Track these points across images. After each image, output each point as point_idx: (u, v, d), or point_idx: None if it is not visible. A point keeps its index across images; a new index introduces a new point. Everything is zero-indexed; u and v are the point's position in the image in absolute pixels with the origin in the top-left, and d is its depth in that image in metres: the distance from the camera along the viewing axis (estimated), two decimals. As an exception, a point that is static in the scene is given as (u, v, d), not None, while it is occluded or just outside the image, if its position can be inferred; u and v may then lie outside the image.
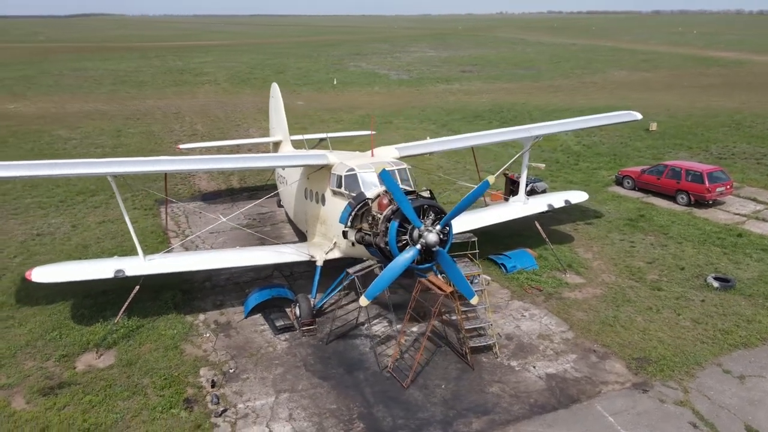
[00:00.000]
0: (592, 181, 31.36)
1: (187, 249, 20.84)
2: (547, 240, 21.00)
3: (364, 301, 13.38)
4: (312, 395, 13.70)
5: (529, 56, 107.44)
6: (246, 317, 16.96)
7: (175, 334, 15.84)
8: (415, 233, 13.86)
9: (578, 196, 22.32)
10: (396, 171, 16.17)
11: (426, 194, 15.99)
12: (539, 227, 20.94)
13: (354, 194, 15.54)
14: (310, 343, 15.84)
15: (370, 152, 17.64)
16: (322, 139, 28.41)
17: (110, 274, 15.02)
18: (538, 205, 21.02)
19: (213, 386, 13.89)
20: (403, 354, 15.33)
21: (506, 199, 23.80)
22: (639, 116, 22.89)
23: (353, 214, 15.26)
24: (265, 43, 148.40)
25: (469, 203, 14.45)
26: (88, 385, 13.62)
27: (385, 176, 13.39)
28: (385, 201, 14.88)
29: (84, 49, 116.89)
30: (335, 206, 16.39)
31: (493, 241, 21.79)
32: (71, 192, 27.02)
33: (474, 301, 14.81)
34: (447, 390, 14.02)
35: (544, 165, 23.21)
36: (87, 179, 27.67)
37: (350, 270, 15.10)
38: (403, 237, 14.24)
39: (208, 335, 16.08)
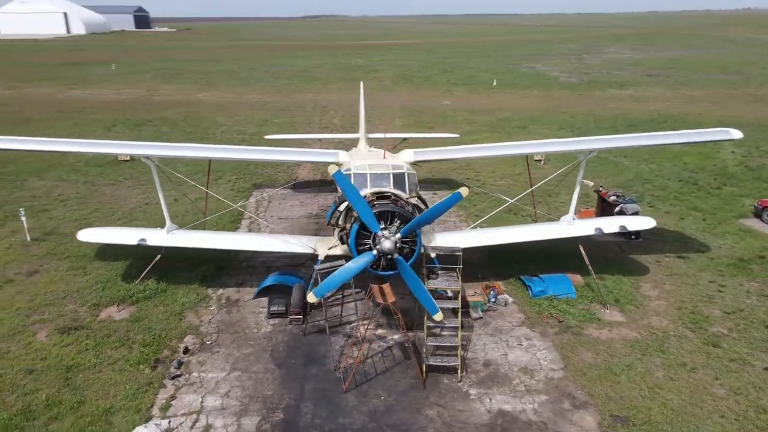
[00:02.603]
0: (722, 210, 26.63)
1: (249, 230, 23.06)
2: (590, 267, 18.70)
3: (311, 297, 13.68)
4: (258, 379, 14.45)
5: (744, 59, 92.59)
6: (253, 298, 18.29)
7: (186, 303, 17.81)
8: (377, 239, 13.74)
9: (641, 223, 19.31)
10: (391, 174, 16.05)
11: (414, 200, 15.61)
12: (583, 252, 18.72)
13: (340, 193, 15.80)
14: (292, 332, 16.55)
15: (382, 154, 17.63)
16: (404, 139, 28.76)
17: (135, 242, 17.54)
18: (585, 227, 18.78)
19: (185, 352, 15.44)
20: (366, 358, 15.24)
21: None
22: (737, 135, 18.84)
23: (335, 212, 15.55)
24: (455, 42, 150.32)
25: (435, 215, 13.86)
26: (95, 331, 16.15)
27: (338, 177, 13.48)
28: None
29: (289, 47, 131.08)
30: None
31: (544, 262, 20.10)
32: (191, 170, 31.29)
33: (437, 317, 14.08)
34: (383, 402, 13.66)
35: (592, 183, 20.38)
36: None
37: (317, 267, 15.43)
38: (366, 241, 14.20)
39: (212, 308, 17.75)
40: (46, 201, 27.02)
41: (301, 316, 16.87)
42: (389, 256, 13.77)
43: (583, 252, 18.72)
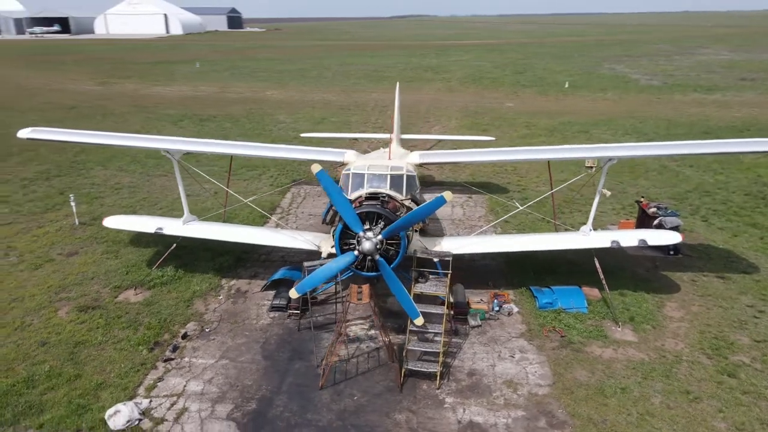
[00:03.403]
0: (783, 227, 24.31)
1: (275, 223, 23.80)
2: (604, 281, 17.69)
3: (293, 293, 13.97)
4: (242, 368, 14.92)
5: None
6: (261, 290, 18.86)
7: (197, 291, 18.68)
8: (359, 239, 13.83)
9: (664, 237, 17.95)
10: (388, 175, 16.03)
11: (408, 203, 15.50)
12: (598, 265, 17.75)
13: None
14: (288, 326, 16.91)
15: (387, 155, 17.59)
16: (439, 141, 28.49)
17: (152, 230, 18.65)
18: (601, 239, 17.76)
19: (183, 338, 16.23)
20: (351, 358, 15.32)
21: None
22: (780, 147, 17.03)
23: (329, 211, 15.73)
24: (537, 42, 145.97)
25: (417, 218, 13.73)
26: (108, 311, 17.33)
27: (320, 176, 13.69)
28: (356, 203, 15.00)
29: (367, 47, 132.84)
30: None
31: (564, 273, 19.30)
32: (237, 165, 32.58)
33: (418, 322, 13.98)
34: (354, 402, 13.70)
35: (609, 192, 19.02)
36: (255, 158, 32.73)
37: (306, 263, 15.67)
38: (351, 241, 14.29)
39: (221, 298, 18.51)
40: (103, 189, 29.19)
41: (299, 311, 17.21)
42: (369, 257, 13.81)
43: (598, 265, 17.75)
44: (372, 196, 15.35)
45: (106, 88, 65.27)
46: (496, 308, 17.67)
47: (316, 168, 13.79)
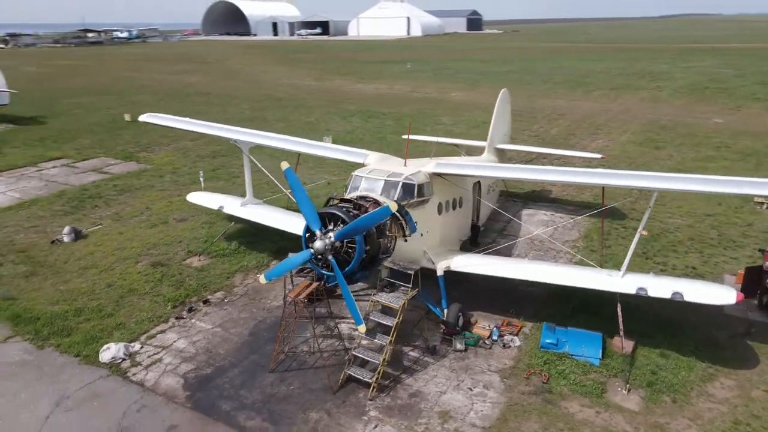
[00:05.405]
0: None
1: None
2: (621, 330, 14.96)
3: (262, 279, 15.15)
4: (225, 338, 16.62)
5: None
6: (295, 274, 20.27)
7: (243, 266, 20.99)
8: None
9: (710, 294, 14.15)
10: (383, 181, 16.02)
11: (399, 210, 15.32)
12: (620, 312, 15.06)
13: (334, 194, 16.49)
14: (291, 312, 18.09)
15: (403, 161, 17.34)
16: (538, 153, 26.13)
17: (216, 207, 21.50)
18: (628, 284, 14.93)
19: (204, 303, 18.62)
20: (315, 352, 15.84)
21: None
22: None
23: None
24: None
25: (362, 226, 13.74)
26: (170, 270, 20.63)
27: (287, 173, 14.56)
28: (333, 203, 15.50)
29: (592, 49, 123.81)
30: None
31: (610, 317, 16.86)
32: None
33: (361, 329, 14.01)
34: (287, 391, 14.35)
35: (647, 232, 15.08)
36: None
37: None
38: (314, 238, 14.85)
39: (258, 275, 20.48)
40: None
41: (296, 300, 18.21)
42: (320, 256, 14.17)
43: (620, 312, 15.07)
44: (361, 199, 15.55)
45: (319, 84, 73.60)
46: (495, 337, 16.28)
47: (284, 165, 14.65)
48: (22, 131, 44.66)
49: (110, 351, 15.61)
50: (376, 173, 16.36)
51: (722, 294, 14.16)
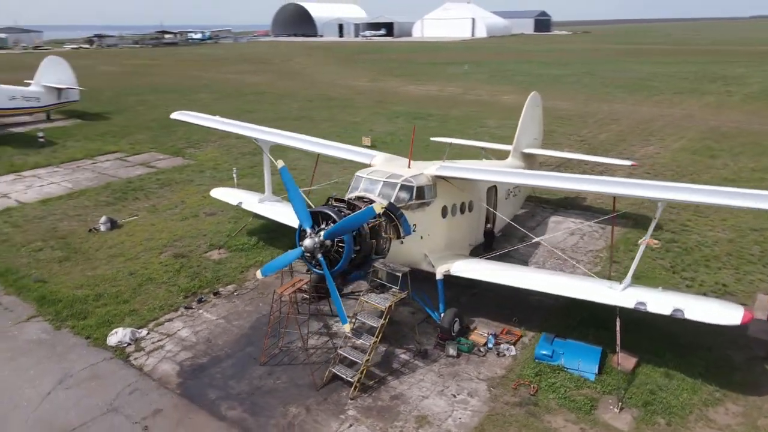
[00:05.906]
0: None
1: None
2: (618, 347, 14.26)
3: (258, 274, 15.56)
4: (227, 330, 17.15)
5: None
6: (307, 271, 20.67)
7: (259, 261, 21.45)
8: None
9: (713, 312, 13.18)
10: (381, 182, 16.05)
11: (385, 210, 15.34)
12: (618, 326, 14.37)
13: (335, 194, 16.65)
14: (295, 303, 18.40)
15: (407, 162, 17.24)
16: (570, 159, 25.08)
17: (236, 203, 22.16)
18: (627, 297, 14.20)
19: (215, 294, 19.27)
20: (308, 349, 16.05)
21: None
22: None
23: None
24: None
25: (347, 227, 13.85)
26: (189, 261, 21.49)
27: (282, 172, 14.89)
28: (329, 203, 15.70)
29: (665, 52, 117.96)
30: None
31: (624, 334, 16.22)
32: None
33: (345, 328, 14.13)
34: (273, 385, 14.67)
35: (658, 242, 13.95)
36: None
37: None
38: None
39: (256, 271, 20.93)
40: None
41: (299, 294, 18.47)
42: (313, 255, 14.35)
43: (618, 326, 14.37)
44: (357, 199, 15.68)
45: (372, 85, 74.16)
46: (490, 345, 15.93)
47: (280, 164, 14.97)
48: (87, 126, 47.72)
49: (117, 335, 16.46)
50: (376, 174, 16.41)
51: (727, 313, 13.22)
